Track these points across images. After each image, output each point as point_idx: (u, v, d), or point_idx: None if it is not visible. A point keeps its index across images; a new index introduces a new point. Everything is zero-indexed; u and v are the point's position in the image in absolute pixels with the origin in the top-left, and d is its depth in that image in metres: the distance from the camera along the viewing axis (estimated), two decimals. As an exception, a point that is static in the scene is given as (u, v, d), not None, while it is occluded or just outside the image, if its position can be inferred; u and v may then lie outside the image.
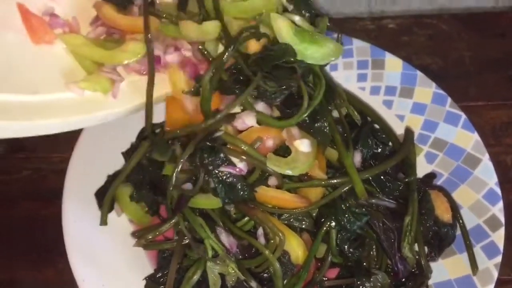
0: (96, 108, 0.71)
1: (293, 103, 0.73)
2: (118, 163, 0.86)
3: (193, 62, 0.76)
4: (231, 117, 0.73)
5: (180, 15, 0.78)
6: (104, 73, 0.71)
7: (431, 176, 0.86)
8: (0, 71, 0.66)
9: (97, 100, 0.71)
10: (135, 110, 0.75)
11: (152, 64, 0.73)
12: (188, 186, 0.73)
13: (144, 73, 0.74)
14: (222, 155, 0.69)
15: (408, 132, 0.87)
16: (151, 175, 0.81)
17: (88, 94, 0.70)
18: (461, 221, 0.80)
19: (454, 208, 0.81)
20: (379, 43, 0.99)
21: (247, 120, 0.72)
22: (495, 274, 0.76)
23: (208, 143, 0.70)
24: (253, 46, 0.76)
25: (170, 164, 0.73)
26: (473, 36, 1.10)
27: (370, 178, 0.77)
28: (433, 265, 0.78)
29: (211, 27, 0.74)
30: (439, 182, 0.86)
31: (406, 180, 0.78)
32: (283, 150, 0.74)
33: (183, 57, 0.75)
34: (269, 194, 0.72)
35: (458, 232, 0.80)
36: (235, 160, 0.70)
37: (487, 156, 0.85)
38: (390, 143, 0.84)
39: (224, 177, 0.70)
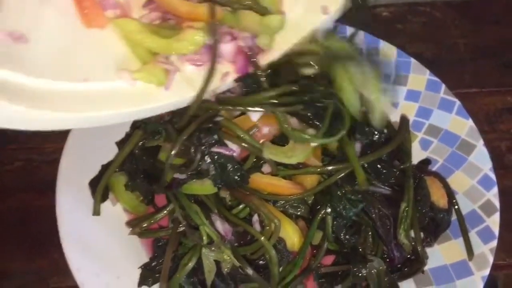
0: (147, 100, 0.65)
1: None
2: (112, 152, 0.85)
3: (246, 54, 0.69)
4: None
5: (241, 1, 0.69)
6: (159, 63, 0.65)
7: (426, 162, 0.86)
8: (52, 57, 0.61)
9: (148, 91, 0.65)
10: (184, 103, 0.68)
11: (214, 56, 0.66)
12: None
13: (199, 64, 0.67)
14: (215, 136, 0.69)
15: (403, 119, 0.87)
16: (144, 164, 0.80)
17: (139, 85, 0.64)
18: (456, 206, 0.81)
19: (450, 194, 0.81)
20: (373, 31, 0.98)
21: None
22: (491, 259, 0.76)
23: (207, 125, 0.69)
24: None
25: (166, 146, 0.72)
26: (467, 23, 1.10)
27: (366, 165, 0.76)
28: (428, 250, 0.79)
29: (276, 22, 0.67)
30: (434, 168, 0.86)
31: (402, 167, 0.78)
32: (281, 139, 0.73)
33: (238, 47, 0.69)
34: (263, 180, 0.72)
35: (454, 217, 0.81)
36: (229, 143, 0.70)
37: (481, 142, 0.85)
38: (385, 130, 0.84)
39: (216, 157, 0.70)
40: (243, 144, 0.70)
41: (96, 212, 0.81)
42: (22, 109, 0.57)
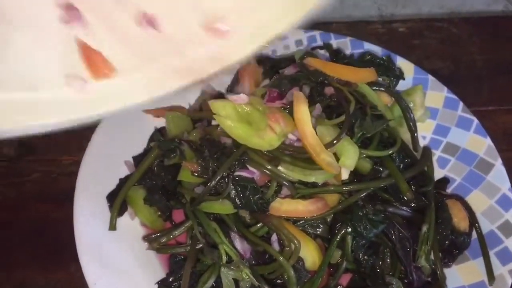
0: (95, 106, 0.60)
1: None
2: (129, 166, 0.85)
3: None
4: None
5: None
6: None
7: (444, 181, 0.85)
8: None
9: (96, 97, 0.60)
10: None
11: None
12: (199, 189, 0.73)
13: None
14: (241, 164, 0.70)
15: (426, 150, 0.87)
16: (163, 180, 0.80)
17: (88, 91, 0.59)
18: (479, 231, 0.79)
19: (472, 218, 0.80)
20: (390, 47, 0.98)
21: None
22: (509, 281, 0.75)
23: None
24: None
25: (186, 166, 0.72)
26: (484, 40, 1.09)
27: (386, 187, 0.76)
28: (446, 271, 0.78)
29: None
30: (451, 187, 0.85)
31: (423, 189, 0.77)
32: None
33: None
34: (282, 208, 0.72)
35: (472, 237, 0.80)
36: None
37: (499, 161, 0.84)
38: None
39: (237, 179, 0.71)
40: (265, 170, 0.71)
41: (112, 227, 0.81)
42: None
